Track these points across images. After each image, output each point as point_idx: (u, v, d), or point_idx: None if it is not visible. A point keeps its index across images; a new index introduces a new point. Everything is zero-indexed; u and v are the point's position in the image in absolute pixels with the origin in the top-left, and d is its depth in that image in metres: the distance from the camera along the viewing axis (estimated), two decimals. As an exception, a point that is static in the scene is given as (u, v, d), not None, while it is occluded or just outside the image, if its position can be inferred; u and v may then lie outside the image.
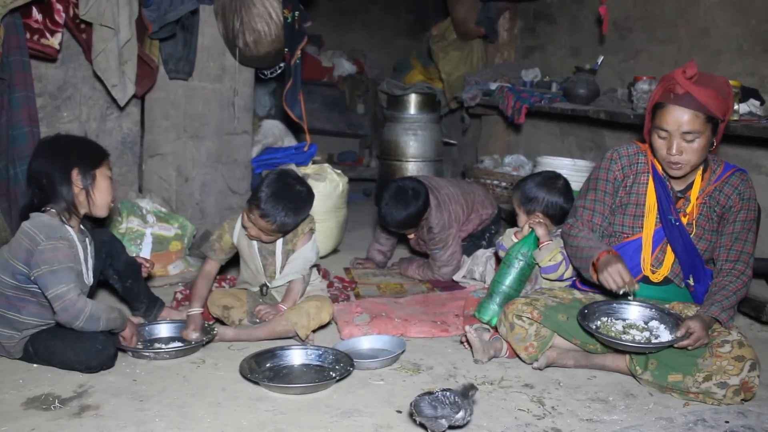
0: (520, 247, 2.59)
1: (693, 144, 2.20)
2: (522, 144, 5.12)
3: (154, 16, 3.17)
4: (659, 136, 2.26)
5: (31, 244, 2.15)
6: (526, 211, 2.81)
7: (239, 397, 2.10)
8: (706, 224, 2.35)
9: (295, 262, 2.69)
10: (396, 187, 3.35)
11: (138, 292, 2.62)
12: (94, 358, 2.19)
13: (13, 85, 2.91)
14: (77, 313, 2.13)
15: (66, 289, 2.13)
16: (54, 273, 2.13)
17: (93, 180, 2.26)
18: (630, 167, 2.43)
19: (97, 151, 2.34)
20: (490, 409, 2.07)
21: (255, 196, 2.57)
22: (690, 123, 2.17)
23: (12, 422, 1.89)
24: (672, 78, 2.21)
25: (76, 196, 2.24)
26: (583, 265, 2.35)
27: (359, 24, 6.63)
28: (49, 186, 2.21)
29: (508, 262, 2.58)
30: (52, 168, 2.22)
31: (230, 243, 2.74)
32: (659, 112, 2.24)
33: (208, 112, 3.69)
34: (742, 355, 2.12)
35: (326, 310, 2.64)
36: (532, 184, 2.85)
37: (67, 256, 2.18)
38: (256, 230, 2.59)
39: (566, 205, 2.81)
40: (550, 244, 2.58)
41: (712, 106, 2.16)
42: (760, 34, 3.23)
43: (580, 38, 4.57)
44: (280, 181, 2.60)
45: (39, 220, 2.20)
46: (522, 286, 2.59)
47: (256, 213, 2.54)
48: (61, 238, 2.19)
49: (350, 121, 6.19)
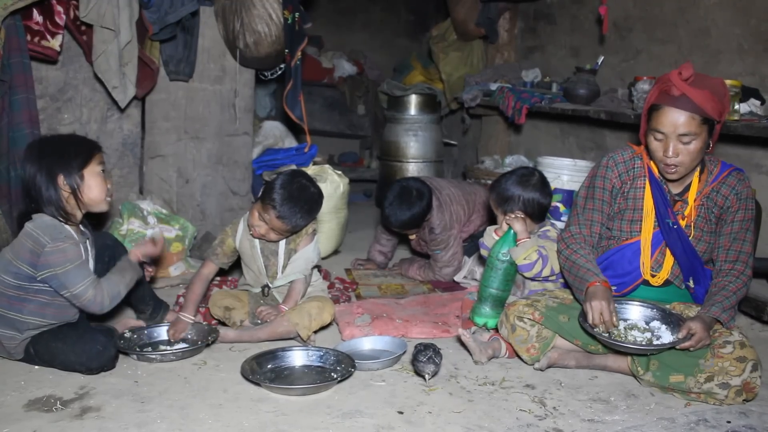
0: (500, 248, 2.53)
1: (689, 146, 2.19)
2: (522, 144, 5.13)
3: (154, 17, 3.17)
4: (655, 138, 2.25)
5: (36, 245, 2.15)
6: (503, 212, 2.69)
7: (241, 399, 2.10)
8: (705, 226, 2.34)
9: (297, 263, 2.70)
10: (400, 188, 3.34)
11: (143, 295, 2.62)
12: (95, 360, 2.19)
13: (14, 86, 2.92)
14: (98, 307, 2.22)
15: (82, 287, 2.18)
16: (66, 274, 2.16)
17: (81, 181, 2.23)
18: (627, 173, 2.41)
19: (83, 150, 2.28)
20: (492, 409, 2.07)
21: (270, 197, 2.55)
22: (686, 125, 2.17)
23: (13, 424, 1.89)
24: (668, 79, 2.20)
25: (66, 201, 2.23)
26: (576, 284, 2.32)
27: (359, 25, 6.64)
28: (38, 194, 2.20)
29: (491, 265, 2.54)
30: (38, 176, 2.20)
31: (233, 247, 2.74)
32: (655, 114, 2.23)
33: (208, 114, 3.69)
34: (744, 355, 2.12)
35: (327, 311, 2.64)
36: (506, 183, 2.72)
37: (76, 253, 2.20)
38: (266, 228, 2.60)
39: (544, 201, 2.71)
40: (527, 242, 2.52)
41: (709, 108, 2.16)
42: (760, 34, 3.23)
43: (580, 38, 4.57)
44: (295, 183, 2.60)
45: (41, 221, 2.20)
46: (510, 285, 2.56)
47: (272, 213, 2.55)
48: (66, 237, 2.20)
49: (351, 122, 6.19)
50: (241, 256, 2.77)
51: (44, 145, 2.28)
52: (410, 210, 3.27)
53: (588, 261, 2.32)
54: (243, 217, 2.77)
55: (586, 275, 2.27)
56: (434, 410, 2.05)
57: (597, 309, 2.16)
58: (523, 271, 2.56)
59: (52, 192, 2.20)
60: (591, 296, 2.20)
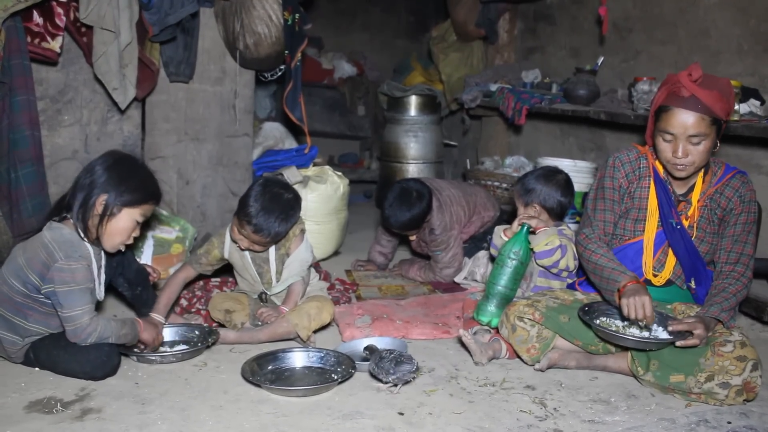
0: (512, 246, 2.56)
1: (699, 146, 2.20)
2: (522, 145, 5.13)
3: (154, 19, 3.17)
4: (664, 139, 2.25)
5: (49, 258, 2.12)
6: (524, 203, 2.81)
7: (241, 400, 2.10)
8: (707, 227, 2.34)
9: (293, 266, 2.70)
10: (400, 188, 3.35)
11: (147, 299, 2.61)
12: (99, 369, 2.17)
13: (14, 88, 2.91)
14: (86, 336, 2.14)
15: (80, 312, 2.12)
16: (69, 294, 2.11)
17: (115, 215, 2.18)
18: (633, 173, 2.42)
19: (142, 191, 2.22)
20: (492, 410, 2.07)
21: (244, 211, 2.53)
22: (696, 126, 2.17)
23: (14, 426, 1.89)
24: (677, 80, 2.20)
25: (91, 220, 2.18)
26: (603, 284, 2.31)
27: (359, 26, 6.64)
28: (78, 200, 2.16)
29: (501, 262, 2.56)
30: (89, 181, 2.16)
31: (218, 257, 2.73)
32: (664, 115, 2.23)
33: (208, 115, 3.69)
34: (745, 355, 2.12)
35: (327, 311, 2.64)
36: (531, 176, 2.87)
37: (84, 276, 2.15)
38: (247, 242, 2.59)
39: (564, 200, 2.80)
40: (547, 230, 2.58)
41: (718, 108, 2.16)
42: (759, 34, 3.23)
43: (580, 39, 4.57)
44: (267, 193, 2.57)
45: (60, 234, 2.16)
46: (517, 284, 2.58)
47: (248, 228, 2.53)
48: (81, 257, 2.16)
49: (351, 123, 6.19)
50: (233, 266, 2.76)
51: (123, 161, 2.23)
52: (410, 211, 3.28)
53: (611, 260, 2.32)
54: (228, 228, 2.74)
55: (615, 275, 2.26)
56: (435, 411, 2.05)
57: (639, 304, 2.14)
58: (542, 258, 2.57)
59: (87, 202, 2.16)
60: (631, 293, 2.17)
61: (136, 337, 2.29)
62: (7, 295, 2.19)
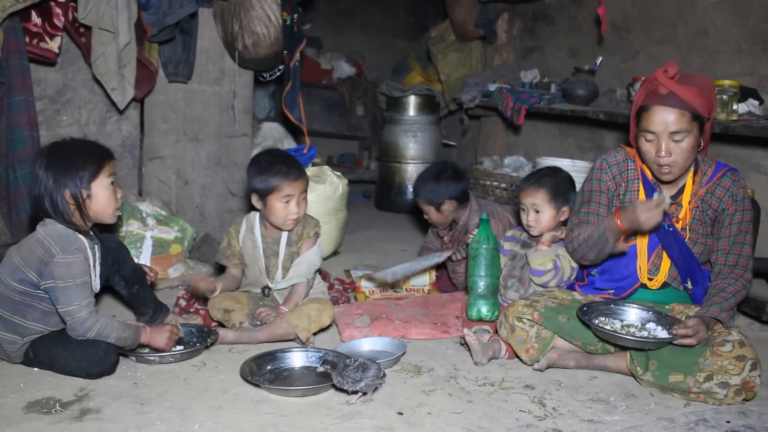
0: (476, 238, 2.62)
1: (682, 144, 2.19)
2: (521, 145, 5.13)
3: (153, 19, 3.17)
4: (646, 139, 2.25)
5: (46, 254, 2.13)
6: (555, 207, 2.64)
7: (240, 400, 2.10)
8: (700, 228, 2.34)
9: (300, 266, 2.70)
10: (442, 162, 3.41)
11: (144, 298, 2.61)
12: (96, 366, 2.18)
13: (13, 89, 2.92)
14: (84, 330, 2.15)
15: (78, 306, 2.13)
16: (66, 289, 2.12)
17: (88, 194, 2.18)
18: (621, 175, 2.41)
19: (92, 161, 2.20)
20: (491, 410, 2.07)
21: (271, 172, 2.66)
22: (677, 122, 2.17)
23: (13, 426, 1.89)
24: (654, 79, 2.20)
25: (72, 214, 2.19)
26: (603, 241, 2.30)
27: (358, 26, 6.64)
28: (47, 207, 2.16)
29: (473, 254, 2.62)
30: (45, 186, 2.15)
31: (239, 247, 2.76)
32: (644, 114, 2.23)
33: (207, 115, 3.69)
34: (743, 354, 2.12)
35: (327, 313, 2.64)
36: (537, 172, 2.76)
37: (82, 270, 2.16)
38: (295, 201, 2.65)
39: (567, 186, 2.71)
40: (546, 250, 2.56)
41: (697, 104, 2.16)
42: (758, 34, 3.24)
43: (578, 39, 4.57)
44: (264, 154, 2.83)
45: (54, 229, 2.17)
46: (495, 271, 2.60)
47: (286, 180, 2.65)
48: (77, 249, 2.16)
49: (349, 123, 6.19)
50: (244, 256, 2.77)
51: (53, 153, 2.19)
52: (436, 181, 3.19)
53: (593, 227, 2.34)
54: (246, 217, 2.78)
55: (600, 227, 2.30)
56: (434, 411, 2.05)
57: (645, 207, 2.16)
58: (533, 275, 2.58)
59: (58, 204, 2.15)
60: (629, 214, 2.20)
61: (136, 343, 2.29)
62: (5, 294, 2.19)
